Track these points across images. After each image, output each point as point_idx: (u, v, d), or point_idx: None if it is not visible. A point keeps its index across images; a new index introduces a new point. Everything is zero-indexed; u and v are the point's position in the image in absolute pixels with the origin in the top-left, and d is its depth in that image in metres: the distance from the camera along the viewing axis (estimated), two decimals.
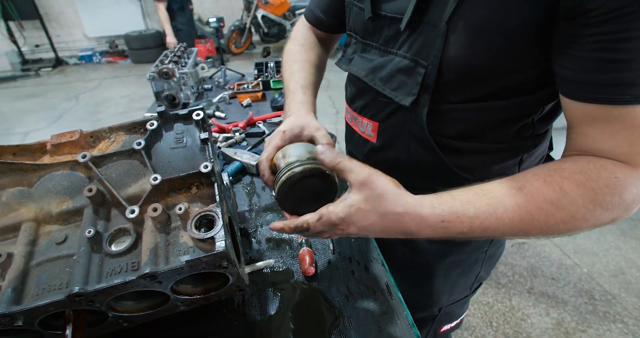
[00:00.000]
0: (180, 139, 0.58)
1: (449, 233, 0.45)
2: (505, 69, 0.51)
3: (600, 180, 0.43)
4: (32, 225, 0.52)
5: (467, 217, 0.44)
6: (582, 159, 0.46)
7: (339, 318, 0.58)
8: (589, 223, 0.44)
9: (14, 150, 0.56)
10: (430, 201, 0.46)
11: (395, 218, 0.44)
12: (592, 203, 0.43)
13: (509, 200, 0.45)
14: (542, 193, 0.44)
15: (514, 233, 0.46)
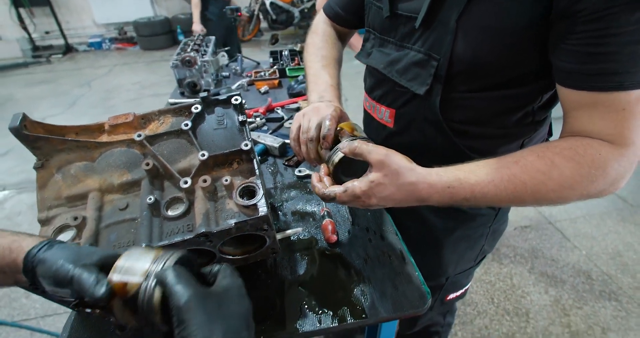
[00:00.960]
0: (221, 121, 0.66)
1: (454, 198, 0.54)
2: (508, 63, 0.58)
3: (587, 156, 0.50)
4: (98, 194, 0.61)
5: (469, 184, 0.53)
6: (572, 139, 0.53)
7: (360, 277, 0.67)
8: (577, 192, 0.52)
9: (77, 130, 0.64)
10: (437, 171, 0.54)
11: (409, 188, 0.53)
12: (579, 175, 0.51)
13: (506, 171, 0.53)
14: (535, 166, 0.52)
15: (510, 200, 0.54)
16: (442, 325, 1.18)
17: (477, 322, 1.72)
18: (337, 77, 0.82)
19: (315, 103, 0.72)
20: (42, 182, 0.60)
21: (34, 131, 0.60)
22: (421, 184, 0.53)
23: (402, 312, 0.61)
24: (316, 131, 0.65)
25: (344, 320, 0.60)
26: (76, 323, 0.62)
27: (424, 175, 0.53)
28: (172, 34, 6.14)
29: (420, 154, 0.75)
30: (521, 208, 2.40)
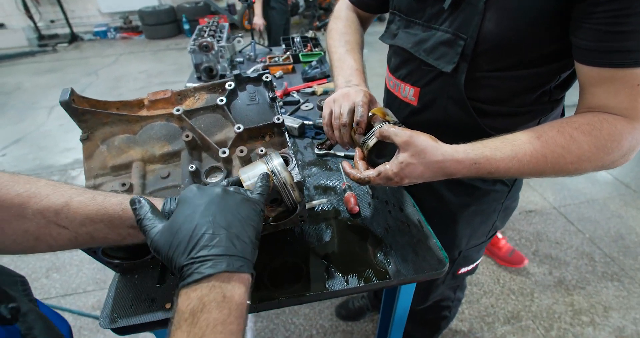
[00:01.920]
0: (253, 97, 0.70)
1: (480, 172, 0.58)
2: (531, 43, 0.61)
3: (603, 129, 0.55)
4: (141, 164, 0.65)
5: (495, 160, 0.57)
6: (590, 114, 0.58)
7: (382, 244, 0.72)
8: (593, 164, 0.57)
9: (118, 105, 0.69)
10: (464, 148, 0.59)
11: (437, 165, 0.57)
12: (596, 147, 0.55)
13: (528, 146, 0.57)
14: (555, 140, 0.56)
15: (532, 172, 0.58)
16: (452, 299, 1.23)
17: (483, 300, 1.79)
18: (361, 62, 0.85)
19: (343, 89, 0.75)
20: (88, 153, 0.65)
21: (80, 104, 0.64)
22: (448, 161, 0.57)
23: (422, 274, 0.66)
24: (348, 116, 0.69)
25: (369, 281, 0.65)
26: (121, 284, 0.67)
27: (450, 152, 0.57)
28: (177, 23, 6.12)
29: (441, 131, 0.79)
30: (526, 194, 2.44)
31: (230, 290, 0.37)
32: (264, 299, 0.62)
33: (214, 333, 0.33)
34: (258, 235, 0.44)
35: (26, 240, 0.49)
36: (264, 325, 1.69)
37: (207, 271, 0.36)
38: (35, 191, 0.50)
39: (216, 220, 0.40)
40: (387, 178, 0.59)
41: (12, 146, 3.22)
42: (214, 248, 0.38)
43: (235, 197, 0.44)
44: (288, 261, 0.70)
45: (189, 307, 0.34)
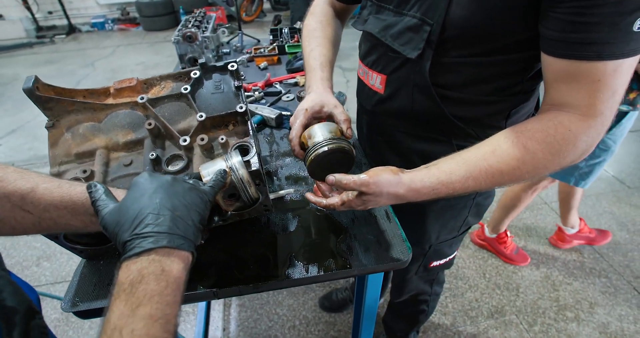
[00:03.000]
0: (218, 86, 0.70)
1: (439, 195, 0.61)
2: (500, 29, 0.60)
3: (557, 135, 0.55)
4: (104, 152, 0.66)
5: (451, 182, 0.59)
6: (545, 119, 0.58)
7: (346, 234, 0.72)
8: (550, 169, 0.58)
9: (84, 93, 0.69)
10: (420, 178, 0.60)
11: (398, 196, 0.60)
12: (550, 154, 0.56)
13: (483, 163, 0.59)
14: (509, 153, 0.58)
15: (490, 186, 0.60)
16: (429, 293, 1.23)
17: (468, 295, 1.80)
18: (325, 56, 0.83)
19: (301, 102, 0.74)
20: (53, 140, 0.66)
21: (45, 92, 0.64)
22: (408, 192, 0.60)
23: (384, 264, 0.67)
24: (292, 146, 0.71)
25: (329, 270, 0.65)
26: (86, 270, 0.68)
27: (408, 184, 0.59)
28: (174, 15, 6.08)
29: (407, 120, 0.79)
30: None
31: (169, 264, 0.38)
32: (224, 286, 0.63)
33: (151, 303, 0.34)
34: (203, 221, 0.46)
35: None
36: (248, 315, 1.71)
37: (148, 245, 0.38)
38: (2, 175, 0.53)
39: (162, 202, 0.42)
40: (351, 207, 0.63)
41: (8, 136, 3.24)
42: (157, 227, 0.40)
43: (183, 185, 0.47)
44: (253, 250, 0.70)
45: (128, 279, 0.36)
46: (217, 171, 0.53)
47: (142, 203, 0.42)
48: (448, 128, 0.75)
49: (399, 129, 0.83)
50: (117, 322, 0.33)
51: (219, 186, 0.52)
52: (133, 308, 0.34)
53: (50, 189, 0.52)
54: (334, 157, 0.63)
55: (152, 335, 0.33)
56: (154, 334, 0.33)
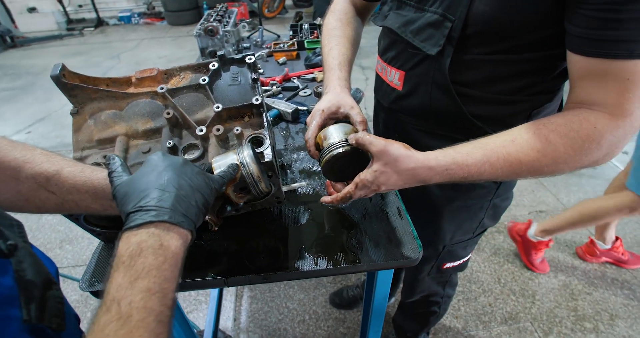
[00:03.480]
0: (235, 78, 0.71)
1: (453, 177, 0.59)
2: (523, 26, 0.58)
3: (582, 130, 0.53)
4: (124, 139, 0.68)
5: (466, 165, 0.57)
6: (570, 113, 0.55)
7: (357, 229, 0.72)
8: (571, 165, 0.56)
9: (107, 82, 0.71)
10: (435, 155, 0.58)
11: (410, 173, 0.58)
12: (572, 150, 0.54)
13: (501, 150, 0.57)
14: (530, 143, 0.55)
15: (507, 175, 0.58)
16: (441, 295, 1.21)
17: (481, 299, 1.76)
18: (344, 55, 0.82)
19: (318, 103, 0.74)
20: (77, 126, 0.68)
21: (71, 80, 0.67)
22: (420, 168, 0.57)
23: (393, 261, 0.66)
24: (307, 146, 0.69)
25: (338, 264, 0.65)
26: (104, 252, 0.71)
27: (422, 160, 0.57)
28: (198, 10, 6.18)
29: (426, 118, 0.78)
30: (538, 194, 2.37)
31: (168, 240, 0.39)
32: (234, 274, 0.64)
33: (148, 277, 0.35)
34: (206, 204, 0.47)
35: (17, 199, 0.55)
36: (259, 307, 1.73)
37: (149, 218, 0.39)
38: (30, 157, 0.56)
39: (169, 180, 0.43)
40: (365, 187, 0.60)
41: (37, 124, 3.38)
42: (160, 201, 0.41)
43: (192, 168, 0.48)
44: (264, 241, 0.71)
45: (127, 251, 0.37)
46: (229, 165, 0.54)
47: (150, 178, 0.43)
48: (466, 127, 0.73)
49: (416, 126, 0.82)
50: (116, 293, 0.34)
51: (228, 178, 0.53)
52: (131, 280, 0.35)
53: (73, 173, 0.55)
54: (349, 159, 0.63)
55: (149, 307, 0.34)
56: (151, 307, 0.34)
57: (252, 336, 1.62)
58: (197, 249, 0.69)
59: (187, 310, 1.72)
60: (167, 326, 0.35)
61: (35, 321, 0.38)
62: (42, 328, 0.40)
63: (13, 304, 0.37)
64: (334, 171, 0.65)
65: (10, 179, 0.53)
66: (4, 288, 0.37)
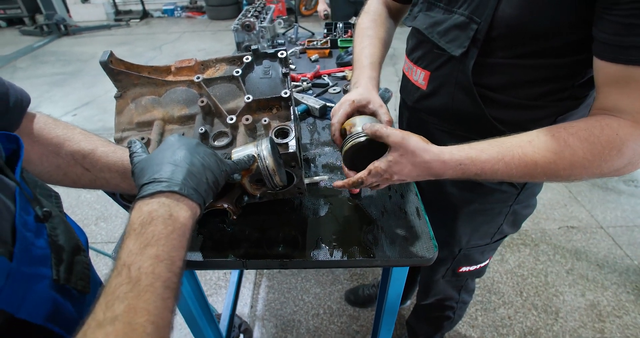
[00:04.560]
0: (267, 71, 0.74)
1: (466, 173, 0.58)
2: (549, 30, 0.57)
3: (602, 136, 0.52)
4: (161, 123, 0.72)
5: (480, 161, 0.57)
6: (592, 119, 0.54)
7: (374, 225, 0.73)
8: (589, 171, 0.54)
9: (149, 70, 0.76)
10: (450, 150, 0.58)
11: (424, 165, 0.58)
12: (592, 155, 0.52)
13: (517, 150, 0.56)
14: (548, 145, 0.54)
15: (521, 176, 0.57)
16: (456, 300, 1.20)
17: (500, 311, 1.71)
18: (376, 56, 0.83)
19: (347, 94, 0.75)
20: (119, 109, 0.73)
21: (117, 66, 0.72)
22: (435, 162, 0.58)
23: (407, 258, 0.67)
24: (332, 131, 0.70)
25: (352, 256, 0.67)
26: None
27: (437, 154, 0.58)
28: (238, 5, 6.34)
29: (447, 119, 0.78)
30: (571, 208, 2.26)
31: (177, 210, 0.41)
32: (253, 257, 0.67)
33: (157, 245, 0.37)
34: (216, 183, 0.49)
35: (56, 173, 0.61)
36: (275, 297, 1.77)
37: (160, 188, 0.41)
38: (70, 135, 0.62)
39: (183, 157, 0.46)
40: (377, 175, 0.61)
41: (83, 107, 3.61)
42: (173, 174, 0.43)
43: (205, 149, 0.50)
44: (283, 229, 0.74)
45: (139, 219, 0.39)
46: (246, 154, 0.56)
47: (165, 155, 0.46)
48: (487, 130, 0.72)
49: (438, 127, 0.82)
50: (127, 259, 0.36)
51: (241, 166, 0.55)
52: (141, 247, 0.37)
53: (107, 153, 0.60)
54: (371, 149, 0.64)
55: (157, 273, 0.36)
56: (159, 273, 0.36)
57: (266, 324, 1.66)
58: (220, 233, 0.73)
59: (207, 293, 1.80)
60: (174, 291, 0.37)
61: (63, 281, 0.42)
62: (69, 289, 0.43)
63: (45, 264, 0.41)
64: (353, 160, 0.65)
65: (51, 154, 0.59)
66: (37, 249, 0.40)
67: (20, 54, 5.09)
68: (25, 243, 0.38)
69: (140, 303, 0.33)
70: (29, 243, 0.38)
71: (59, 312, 0.40)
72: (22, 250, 0.37)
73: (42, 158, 0.59)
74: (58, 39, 5.77)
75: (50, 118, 0.63)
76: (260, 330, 1.64)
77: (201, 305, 0.91)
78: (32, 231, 0.40)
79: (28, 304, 0.36)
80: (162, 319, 0.34)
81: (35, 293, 0.38)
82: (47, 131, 0.60)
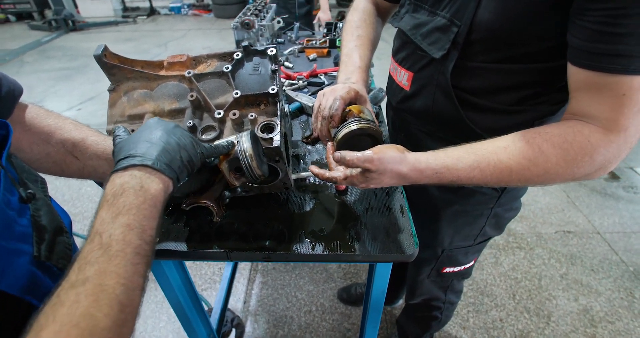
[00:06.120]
0: (257, 68, 0.75)
1: (442, 180, 0.60)
2: (526, 36, 0.58)
3: (575, 143, 0.53)
4: (151, 116, 0.74)
5: (455, 169, 0.58)
6: (565, 125, 0.55)
7: (358, 222, 0.74)
8: (562, 177, 0.56)
9: (142, 64, 0.78)
10: (426, 158, 0.60)
11: (400, 175, 0.60)
12: (564, 161, 0.54)
13: (493, 157, 0.57)
14: (522, 152, 0.56)
15: (496, 182, 0.59)
16: (443, 301, 1.20)
17: (492, 313, 1.72)
18: (367, 59, 0.84)
19: (337, 85, 0.76)
20: (112, 102, 0.75)
21: (111, 60, 0.74)
22: (411, 172, 0.59)
23: (388, 254, 0.68)
24: (329, 110, 0.70)
25: (334, 251, 0.68)
26: None
27: (413, 164, 0.59)
28: (244, 4, 6.37)
29: (428, 119, 0.79)
30: (568, 213, 2.26)
31: (149, 183, 0.43)
32: (236, 249, 0.69)
33: (129, 214, 0.39)
34: (191, 163, 0.51)
35: (46, 161, 0.63)
36: (269, 293, 1.79)
37: (133, 162, 0.43)
38: (62, 125, 0.64)
39: (159, 136, 0.48)
40: (352, 183, 0.63)
41: (87, 102, 3.65)
42: (147, 150, 0.45)
43: (182, 131, 0.52)
44: (269, 223, 0.75)
45: (112, 191, 0.41)
46: (225, 140, 0.59)
47: (143, 134, 0.48)
48: (466, 133, 0.73)
49: (420, 128, 0.83)
50: (99, 227, 0.38)
51: (219, 150, 0.57)
52: (113, 216, 0.38)
53: (96, 142, 0.63)
54: (366, 137, 0.65)
55: (128, 240, 0.37)
56: (130, 240, 0.37)
57: (259, 319, 1.68)
58: (208, 225, 0.75)
59: (202, 287, 1.82)
60: (144, 258, 0.39)
61: (44, 258, 0.44)
62: (50, 266, 0.46)
63: (26, 241, 0.43)
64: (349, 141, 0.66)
65: (42, 142, 0.61)
66: (19, 226, 0.43)
67: (28, 48, 5.15)
68: (7, 220, 0.40)
69: (111, 267, 0.35)
70: (10, 220, 0.40)
71: (38, 286, 0.42)
72: (4, 226, 0.39)
73: (32, 145, 0.61)
74: (66, 34, 5.84)
75: (42, 109, 0.65)
76: (253, 325, 1.66)
77: (191, 298, 0.92)
78: (15, 210, 0.42)
79: (8, 277, 0.38)
80: (132, 282, 0.36)
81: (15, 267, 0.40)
82: (38, 120, 0.62)
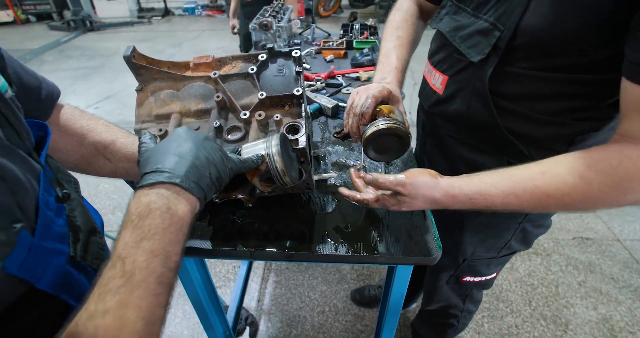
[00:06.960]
0: (281, 69, 0.76)
1: (476, 206, 0.59)
2: (574, 44, 0.55)
3: (620, 168, 0.50)
4: (178, 116, 0.75)
5: (490, 195, 0.57)
6: (612, 148, 0.52)
7: (380, 223, 0.74)
8: (606, 203, 0.53)
9: (169, 65, 0.79)
10: (459, 184, 0.58)
11: (433, 200, 0.59)
12: (608, 187, 0.51)
13: (529, 183, 0.55)
14: (561, 178, 0.53)
15: (534, 208, 0.57)
16: (460, 309, 1.18)
17: (508, 319, 1.69)
18: (404, 60, 0.83)
19: (373, 83, 0.76)
20: (140, 101, 0.76)
21: (139, 61, 0.75)
22: (444, 197, 0.58)
23: (411, 257, 0.68)
24: (360, 108, 0.70)
25: (357, 252, 0.68)
26: None
27: (446, 190, 0.58)
28: None
29: (461, 125, 0.78)
30: (587, 219, 2.21)
31: (176, 204, 0.40)
32: (260, 248, 0.69)
33: (154, 239, 0.37)
34: (220, 180, 0.48)
35: (81, 162, 0.64)
36: (282, 293, 1.79)
37: (161, 179, 0.40)
38: (93, 126, 0.66)
39: (188, 150, 0.45)
40: (384, 205, 0.62)
41: (104, 101, 3.73)
42: (175, 166, 0.42)
43: (212, 144, 0.50)
44: (291, 223, 0.76)
45: (137, 211, 0.38)
46: (255, 154, 0.56)
47: (171, 146, 0.45)
48: (500, 142, 0.72)
49: (451, 134, 0.82)
50: (122, 251, 0.36)
51: (248, 165, 0.55)
52: (137, 241, 0.36)
53: (125, 145, 0.64)
54: (394, 138, 0.65)
55: (152, 268, 0.35)
56: (153, 268, 0.35)
57: (272, 318, 1.69)
58: (231, 224, 0.75)
59: (217, 285, 1.83)
60: (167, 287, 0.36)
61: (79, 258, 0.44)
62: (85, 267, 0.46)
63: (63, 241, 0.43)
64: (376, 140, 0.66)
65: (76, 144, 0.62)
66: (57, 227, 0.43)
67: (48, 48, 5.28)
68: (46, 220, 0.40)
69: (132, 298, 0.33)
70: (49, 220, 0.41)
71: (74, 286, 0.43)
72: (44, 226, 0.40)
73: (68, 147, 0.62)
74: (83, 34, 5.97)
75: (77, 110, 0.67)
76: (266, 323, 1.66)
77: (210, 296, 0.93)
78: (52, 211, 0.43)
79: (47, 276, 0.39)
80: (153, 315, 0.34)
81: (54, 267, 0.40)
82: (72, 121, 0.64)
